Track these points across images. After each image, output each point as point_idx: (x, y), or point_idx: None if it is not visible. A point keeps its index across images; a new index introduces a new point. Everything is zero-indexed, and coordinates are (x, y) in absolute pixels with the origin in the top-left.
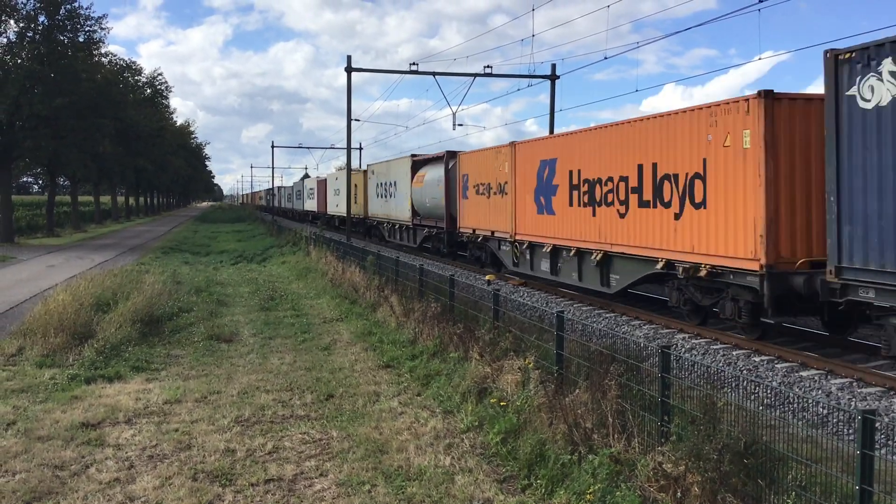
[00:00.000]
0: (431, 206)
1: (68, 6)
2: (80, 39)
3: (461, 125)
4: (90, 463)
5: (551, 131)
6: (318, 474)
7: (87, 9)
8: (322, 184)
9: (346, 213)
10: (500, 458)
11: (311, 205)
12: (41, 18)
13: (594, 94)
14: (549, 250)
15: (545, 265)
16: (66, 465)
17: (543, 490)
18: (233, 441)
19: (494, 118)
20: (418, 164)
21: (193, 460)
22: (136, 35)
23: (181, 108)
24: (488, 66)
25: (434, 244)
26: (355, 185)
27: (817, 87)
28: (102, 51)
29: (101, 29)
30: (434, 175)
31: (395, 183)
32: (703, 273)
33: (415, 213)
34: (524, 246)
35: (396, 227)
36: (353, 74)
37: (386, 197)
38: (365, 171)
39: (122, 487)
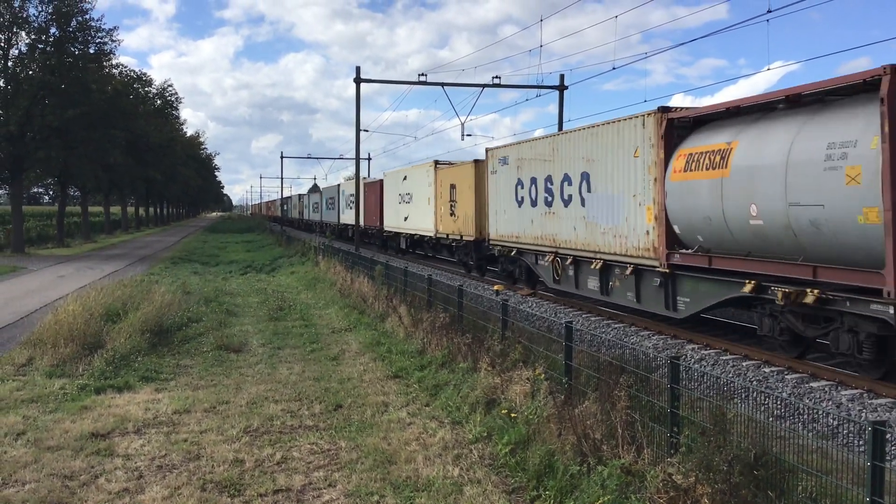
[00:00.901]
0: (782, 231)
1: (79, 18)
2: (91, 51)
3: (469, 135)
4: (99, 473)
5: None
6: (327, 485)
7: (97, 20)
8: (375, 187)
9: (418, 229)
10: (508, 469)
11: (352, 216)
12: (52, 30)
13: (603, 104)
14: None
15: None
16: (76, 476)
17: (552, 501)
18: (241, 451)
19: (503, 128)
20: (682, 128)
21: (202, 470)
22: (147, 46)
23: (192, 118)
24: (497, 77)
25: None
26: (451, 186)
27: None
28: (113, 62)
29: (112, 41)
30: (803, 144)
31: (582, 177)
32: None
33: (672, 239)
34: None
35: (593, 267)
36: (362, 85)
37: (546, 203)
38: (478, 162)
39: (131, 498)
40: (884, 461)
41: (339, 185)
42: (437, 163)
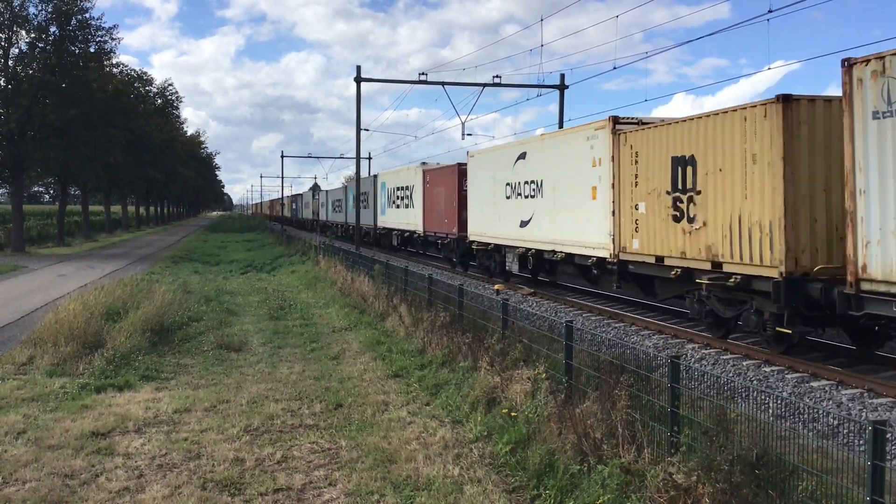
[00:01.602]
0: None
1: (79, 17)
2: (92, 50)
3: (470, 135)
4: (100, 472)
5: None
6: (327, 484)
7: (98, 19)
8: (447, 175)
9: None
10: (508, 469)
11: (402, 218)
12: (52, 29)
13: (604, 103)
14: None
15: None
16: (76, 474)
17: (552, 501)
18: (242, 450)
19: (505, 128)
20: None
21: (203, 469)
22: (149, 45)
23: (194, 118)
24: (497, 76)
25: None
26: (674, 162)
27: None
28: (113, 61)
29: (112, 39)
30: None
31: None
32: None
33: None
34: None
35: None
36: (364, 84)
37: None
38: (790, 102)
39: (131, 496)
40: (884, 460)
41: (375, 175)
42: (616, 122)
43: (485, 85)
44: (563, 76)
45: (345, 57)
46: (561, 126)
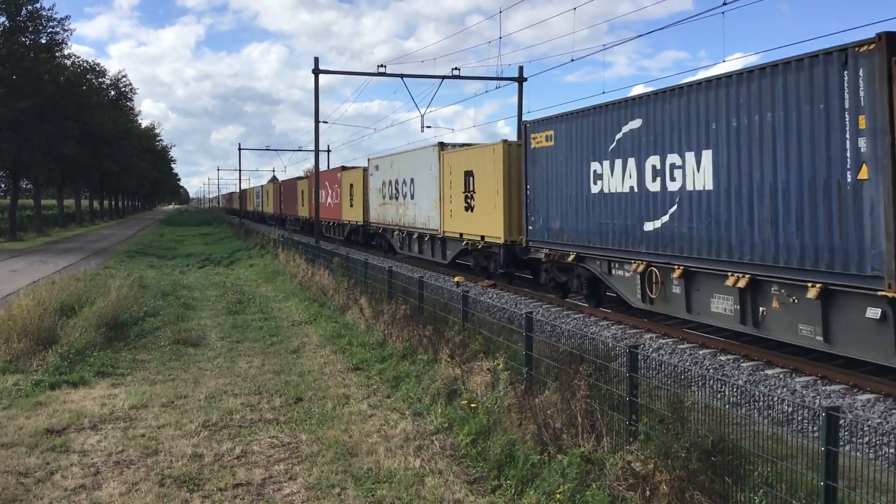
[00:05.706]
0: None
1: (30, 7)
2: (43, 41)
3: (429, 127)
4: (55, 469)
5: (519, 134)
6: (288, 478)
7: (49, 10)
8: None
9: None
10: (469, 459)
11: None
12: (1, 19)
13: (565, 95)
14: None
15: None
16: (31, 472)
17: (513, 490)
18: (200, 446)
19: (468, 119)
20: None
21: (160, 466)
22: (107, 35)
23: (153, 110)
24: (456, 68)
25: None
26: None
27: None
28: (65, 52)
29: (64, 30)
30: None
31: None
32: None
33: None
34: None
35: None
36: (326, 76)
37: None
38: None
39: (87, 494)
40: (837, 446)
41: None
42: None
43: (444, 77)
44: (521, 68)
45: (308, 48)
46: (520, 117)
